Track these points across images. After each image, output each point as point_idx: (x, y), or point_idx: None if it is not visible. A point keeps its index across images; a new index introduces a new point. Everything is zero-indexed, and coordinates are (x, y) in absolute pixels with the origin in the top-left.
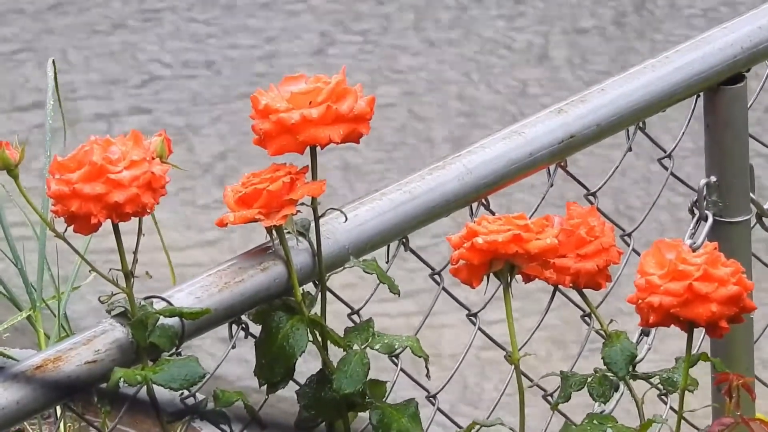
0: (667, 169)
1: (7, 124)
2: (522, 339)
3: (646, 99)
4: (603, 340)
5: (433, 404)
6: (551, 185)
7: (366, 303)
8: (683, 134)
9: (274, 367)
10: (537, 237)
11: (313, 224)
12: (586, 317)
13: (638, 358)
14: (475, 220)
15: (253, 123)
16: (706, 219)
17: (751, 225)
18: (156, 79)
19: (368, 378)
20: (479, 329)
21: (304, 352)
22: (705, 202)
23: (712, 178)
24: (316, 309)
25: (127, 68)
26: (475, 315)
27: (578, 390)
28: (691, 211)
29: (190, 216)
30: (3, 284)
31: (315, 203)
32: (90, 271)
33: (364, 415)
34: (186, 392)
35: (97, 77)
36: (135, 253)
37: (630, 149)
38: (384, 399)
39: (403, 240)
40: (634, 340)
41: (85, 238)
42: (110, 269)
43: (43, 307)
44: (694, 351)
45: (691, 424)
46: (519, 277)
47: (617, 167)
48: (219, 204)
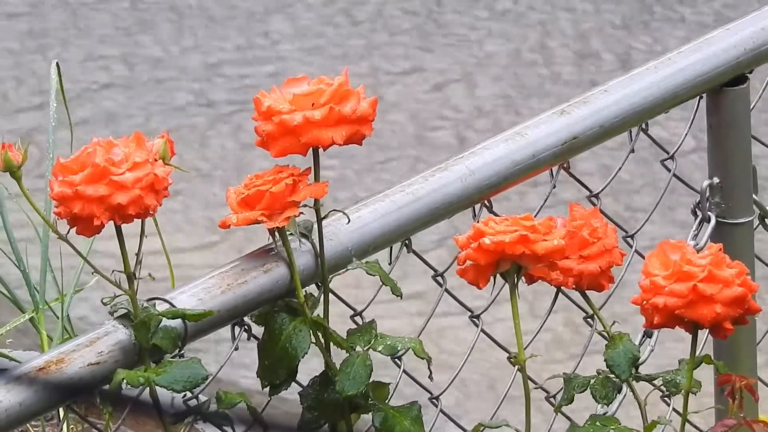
0: (669, 170)
1: (8, 124)
2: (524, 341)
3: (649, 100)
4: (604, 342)
5: (436, 406)
6: (554, 186)
7: (369, 305)
8: (686, 135)
9: (276, 368)
10: (544, 238)
11: (315, 226)
12: (588, 319)
13: (641, 359)
14: (480, 221)
15: (255, 125)
16: (708, 220)
17: (754, 226)
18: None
19: (371, 380)
20: (482, 331)
21: (306, 353)
22: (708, 204)
23: (715, 180)
24: (319, 311)
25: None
26: (477, 317)
27: (581, 392)
28: (694, 213)
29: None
30: (6, 286)
31: (317, 205)
32: (93, 273)
33: (367, 417)
34: (189, 394)
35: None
36: (138, 254)
37: (633, 150)
38: (387, 401)
39: (406, 241)
40: (637, 342)
41: (88, 239)
42: (113, 271)
43: (45, 308)
44: (697, 353)
45: (694, 426)
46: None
47: (620, 168)
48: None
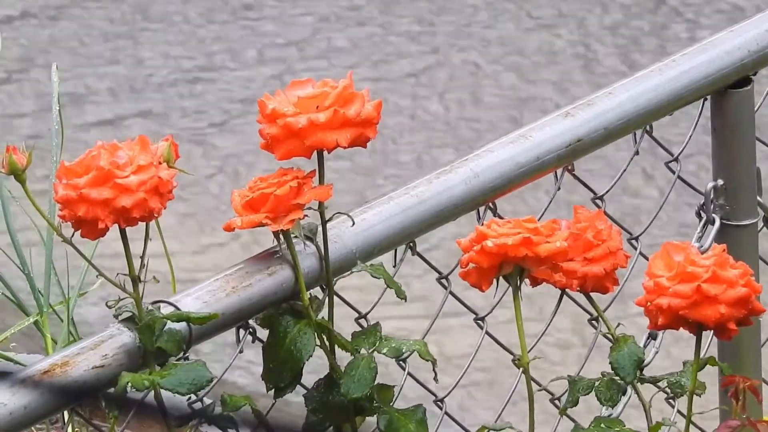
0: (674, 172)
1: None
2: (527, 343)
3: (653, 102)
4: (609, 343)
5: (441, 408)
6: (558, 189)
7: (373, 307)
8: (690, 137)
9: (281, 371)
10: (547, 240)
11: (320, 228)
12: (593, 321)
13: (645, 361)
14: (484, 224)
15: (260, 127)
16: (713, 222)
17: (759, 228)
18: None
19: (376, 382)
20: (487, 333)
21: (311, 356)
22: (712, 206)
23: (720, 182)
24: (324, 313)
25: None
26: (482, 319)
27: (586, 394)
28: (699, 215)
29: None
30: (10, 289)
31: (322, 207)
32: (97, 276)
33: (372, 420)
34: (193, 397)
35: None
36: (142, 257)
37: (637, 153)
38: (391, 403)
39: (411, 244)
40: (641, 344)
41: (93, 242)
42: (117, 274)
43: (50, 312)
44: (701, 354)
45: (698, 427)
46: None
47: (624, 170)
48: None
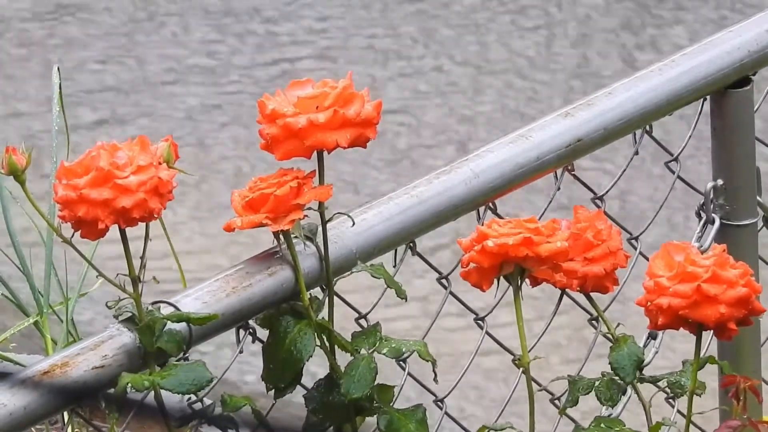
0: (674, 172)
1: (10, 128)
2: (527, 343)
3: (653, 102)
4: (609, 344)
5: (441, 408)
6: (558, 189)
7: (374, 307)
8: (690, 137)
9: (281, 371)
10: (547, 240)
11: (320, 229)
12: (593, 321)
13: (645, 361)
14: (485, 224)
15: (260, 128)
16: (713, 222)
17: (759, 228)
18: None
19: (376, 382)
20: (487, 333)
21: (311, 356)
22: (712, 206)
23: (719, 182)
24: (324, 313)
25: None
26: (482, 319)
27: (586, 394)
28: (698, 215)
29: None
30: (10, 290)
31: (322, 208)
32: (97, 277)
33: (372, 420)
34: (193, 397)
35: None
36: (142, 258)
37: (637, 153)
38: (391, 403)
39: (411, 244)
40: (641, 344)
41: (92, 243)
42: (117, 274)
43: (50, 312)
44: (701, 354)
45: (698, 427)
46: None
47: (624, 170)
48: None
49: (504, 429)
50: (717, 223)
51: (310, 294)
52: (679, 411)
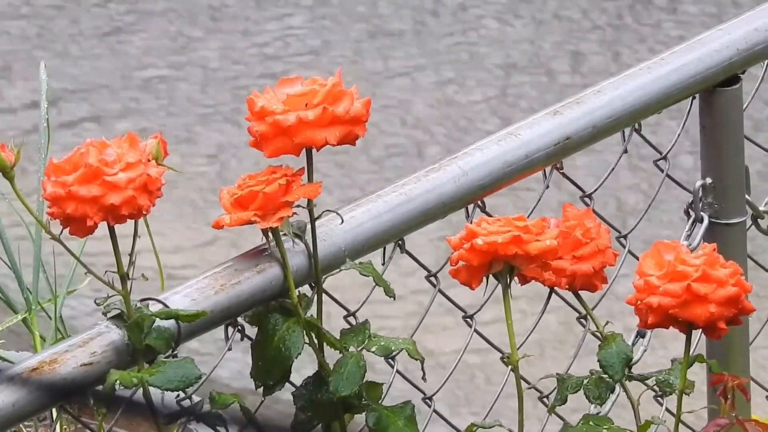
0: (662, 171)
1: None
2: (516, 341)
3: (642, 100)
4: (597, 342)
5: (430, 406)
6: (547, 187)
7: (362, 305)
8: (679, 136)
9: (270, 369)
10: (536, 238)
11: (309, 226)
12: (582, 319)
13: (634, 359)
14: (474, 221)
15: (249, 125)
16: (701, 221)
17: (747, 227)
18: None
19: (364, 380)
20: (475, 331)
21: (300, 354)
22: (701, 204)
23: (708, 180)
24: (313, 311)
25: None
26: (471, 317)
27: (574, 392)
28: (687, 213)
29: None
30: None
31: (311, 205)
32: (86, 274)
33: (361, 418)
34: (182, 394)
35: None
36: (131, 255)
37: (626, 151)
38: (380, 401)
39: (399, 242)
40: (630, 342)
41: (81, 240)
42: (106, 271)
43: (38, 309)
44: (690, 352)
45: (687, 425)
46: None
47: (613, 169)
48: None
49: (492, 426)
50: (706, 221)
51: (298, 291)
52: (667, 409)
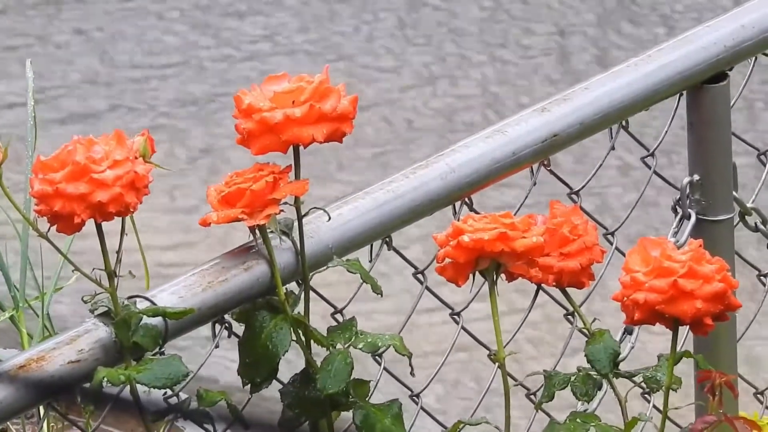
0: (650, 167)
1: None
2: (503, 338)
3: (629, 97)
4: (584, 339)
5: (417, 403)
6: (534, 184)
7: (349, 302)
8: (666, 133)
9: (257, 366)
10: (523, 235)
11: (296, 223)
12: (569, 316)
13: (621, 356)
14: (461, 219)
15: (236, 122)
16: (689, 217)
17: (735, 223)
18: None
19: (352, 377)
20: (462, 328)
21: (287, 351)
22: (688, 201)
23: (695, 177)
24: (300, 308)
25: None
26: (458, 314)
27: (562, 389)
28: (674, 210)
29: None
30: None
31: (298, 202)
32: (73, 271)
33: (348, 415)
34: (169, 391)
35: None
36: (118, 252)
37: (613, 148)
38: (367, 398)
39: (387, 239)
40: (617, 339)
41: (68, 237)
42: (93, 269)
43: (26, 307)
44: (677, 349)
45: (674, 422)
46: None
47: (600, 165)
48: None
49: (479, 423)
50: (693, 218)
51: (286, 289)
52: (655, 406)
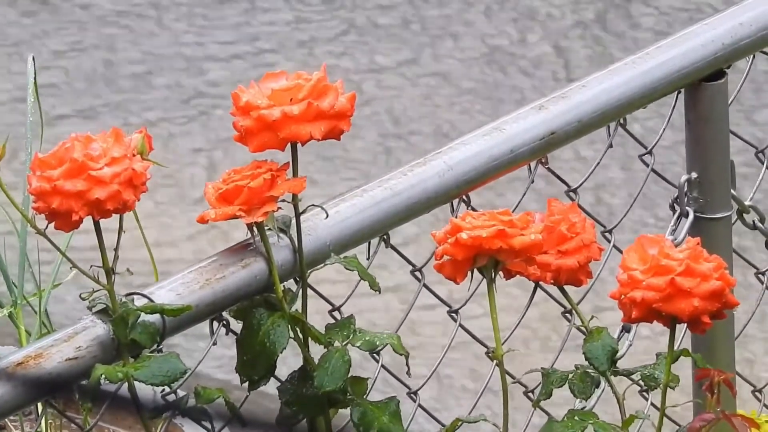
0: (647, 165)
1: None
2: (501, 336)
3: (627, 95)
4: (582, 337)
5: (414, 401)
6: (532, 182)
7: (347, 300)
8: (664, 130)
9: (255, 363)
10: (521, 233)
11: (294, 221)
12: (567, 314)
13: (619, 354)
14: (459, 216)
15: (234, 120)
16: (687, 215)
17: (732, 221)
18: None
19: (349, 375)
20: (460, 325)
21: (285, 348)
22: (686, 199)
23: (693, 175)
24: (297, 306)
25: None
26: (456, 311)
27: (559, 387)
28: (672, 208)
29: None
30: None
31: (296, 200)
32: (71, 268)
33: (345, 412)
34: (167, 389)
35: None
36: (116, 249)
37: (611, 146)
38: (365, 396)
39: (384, 236)
40: (615, 337)
41: (66, 235)
42: (91, 266)
43: (24, 304)
44: (675, 347)
45: (672, 420)
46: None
47: (598, 163)
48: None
49: (477, 421)
50: (691, 216)
51: (283, 286)
52: (653, 404)
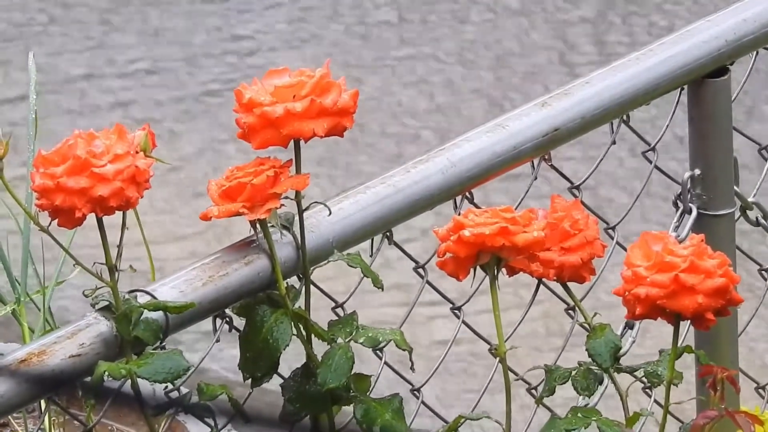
0: (651, 162)
1: None
2: (504, 332)
3: (630, 91)
4: (585, 334)
5: (418, 398)
6: (535, 178)
7: (350, 296)
8: (667, 127)
9: (258, 360)
10: (524, 230)
11: (297, 218)
12: (570, 310)
13: (622, 350)
14: (461, 213)
15: (237, 117)
16: (690, 212)
17: (736, 218)
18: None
19: (352, 372)
20: (463, 322)
21: (288, 345)
22: (689, 195)
23: (696, 171)
24: (300, 302)
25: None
26: (459, 308)
27: (562, 383)
28: (675, 204)
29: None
30: None
31: (299, 197)
32: (74, 265)
33: (348, 409)
34: (170, 386)
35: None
36: (119, 246)
37: (614, 142)
38: (368, 393)
39: (387, 233)
40: (618, 333)
41: (70, 232)
42: (94, 263)
43: (27, 301)
44: (678, 344)
45: (676, 417)
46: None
47: (601, 160)
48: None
49: (480, 418)
50: (694, 212)
51: (286, 283)
52: (656, 401)
